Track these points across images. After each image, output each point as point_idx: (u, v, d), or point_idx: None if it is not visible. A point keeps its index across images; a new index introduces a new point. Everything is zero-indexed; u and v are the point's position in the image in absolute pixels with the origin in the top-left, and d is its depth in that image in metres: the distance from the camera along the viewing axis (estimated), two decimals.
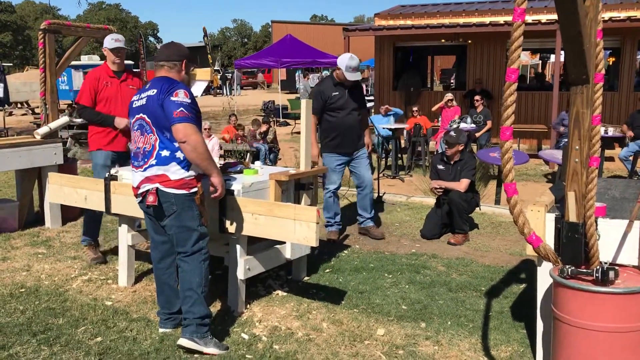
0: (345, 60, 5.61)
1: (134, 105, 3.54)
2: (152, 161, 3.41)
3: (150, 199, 3.40)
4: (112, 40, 5.15)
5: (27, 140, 6.34)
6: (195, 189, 3.45)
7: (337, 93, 5.76)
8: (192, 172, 3.44)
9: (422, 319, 3.98)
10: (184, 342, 3.43)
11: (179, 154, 3.39)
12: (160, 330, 3.76)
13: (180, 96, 3.33)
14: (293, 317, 4.00)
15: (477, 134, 10.85)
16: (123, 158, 5.10)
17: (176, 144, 3.37)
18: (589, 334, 2.63)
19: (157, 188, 3.40)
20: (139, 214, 4.28)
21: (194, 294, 3.47)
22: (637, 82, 12.78)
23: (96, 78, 5.04)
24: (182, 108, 3.29)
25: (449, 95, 11.63)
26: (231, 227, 3.88)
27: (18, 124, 19.16)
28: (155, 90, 3.39)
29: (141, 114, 3.45)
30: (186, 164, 3.42)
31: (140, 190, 3.49)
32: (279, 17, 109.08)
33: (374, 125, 8.74)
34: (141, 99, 3.47)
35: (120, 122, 5.05)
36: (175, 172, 3.39)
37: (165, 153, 3.39)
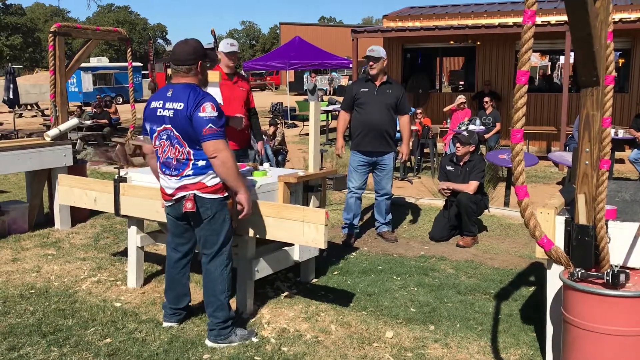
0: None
1: (157, 114, 3.51)
2: (189, 171, 3.48)
3: (189, 205, 3.48)
4: (227, 45, 5.30)
5: (37, 142, 6.38)
6: (227, 193, 3.56)
7: (367, 89, 5.74)
8: None
9: (431, 321, 3.96)
10: (209, 344, 3.60)
11: None
12: (165, 324, 3.85)
13: (208, 110, 3.37)
14: (301, 319, 4.00)
15: (486, 136, 10.79)
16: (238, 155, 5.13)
17: None
18: (599, 338, 2.62)
19: (194, 194, 3.49)
20: (148, 215, 4.31)
21: (217, 300, 3.60)
22: None
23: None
24: (210, 124, 3.36)
25: (462, 98, 11.47)
26: (239, 229, 3.88)
27: (28, 125, 19.30)
28: (182, 104, 3.39)
29: (169, 126, 3.46)
30: None
31: (176, 197, 3.56)
32: (287, 19, 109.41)
33: None
34: (166, 109, 3.46)
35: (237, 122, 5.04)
36: (211, 179, 3.49)
37: (201, 163, 3.47)
